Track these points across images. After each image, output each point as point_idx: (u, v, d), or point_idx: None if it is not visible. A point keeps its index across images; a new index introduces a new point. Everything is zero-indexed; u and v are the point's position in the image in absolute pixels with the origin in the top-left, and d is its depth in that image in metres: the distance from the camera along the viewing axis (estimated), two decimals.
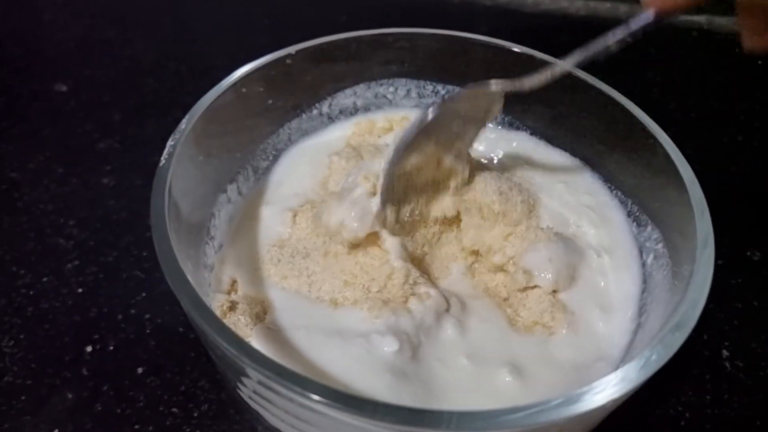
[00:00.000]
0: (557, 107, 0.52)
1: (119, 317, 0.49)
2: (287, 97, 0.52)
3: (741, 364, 0.48)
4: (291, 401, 0.28)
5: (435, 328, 0.39)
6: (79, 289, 0.51)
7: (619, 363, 0.38)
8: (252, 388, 0.31)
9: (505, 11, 0.94)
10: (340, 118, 0.57)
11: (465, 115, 0.43)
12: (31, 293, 0.51)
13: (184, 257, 0.34)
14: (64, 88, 0.75)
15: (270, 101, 0.51)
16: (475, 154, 0.53)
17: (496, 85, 0.42)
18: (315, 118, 0.56)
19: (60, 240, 0.55)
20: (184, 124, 0.41)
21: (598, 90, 0.47)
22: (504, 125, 0.57)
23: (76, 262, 0.53)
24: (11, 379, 0.45)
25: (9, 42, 0.84)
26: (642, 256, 0.45)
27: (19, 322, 0.49)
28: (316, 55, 0.51)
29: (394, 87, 0.57)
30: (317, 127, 0.56)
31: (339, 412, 0.26)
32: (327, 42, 0.51)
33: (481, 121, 0.44)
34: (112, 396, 0.44)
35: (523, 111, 0.55)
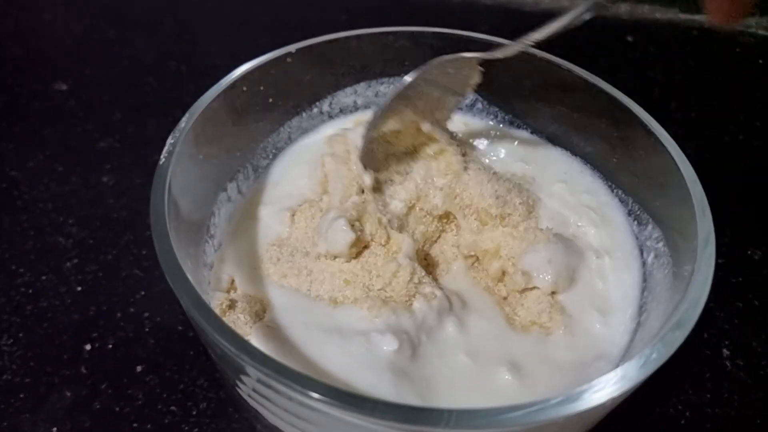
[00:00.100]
0: (557, 106, 0.52)
1: (118, 315, 0.49)
2: (287, 96, 0.52)
3: (741, 362, 0.48)
4: (290, 399, 0.28)
5: (437, 328, 0.39)
6: (79, 288, 0.51)
7: (619, 361, 0.38)
8: (251, 386, 0.31)
9: (506, 10, 0.95)
10: (340, 116, 0.57)
11: (443, 86, 0.45)
12: (31, 292, 0.51)
13: (183, 256, 0.34)
14: (64, 87, 0.75)
15: (270, 100, 0.50)
16: (476, 153, 0.53)
17: (471, 53, 0.44)
18: (315, 116, 0.56)
19: (59, 238, 0.55)
20: (183, 122, 0.41)
21: (598, 89, 0.47)
22: (504, 124, 0.57)
23: (75, 260, 0.53)
24: (10, 378, 0.45)
25: (9, 42, 0.84)
26: (642, 255, 0.45)
27: (18, 320, 0.49)
28: (316, 54, 0.51)
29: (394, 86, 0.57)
30: (317, 126, 0.56)
31: (338, 410, 0.26)
32: (327, 41, 0.51)
33: (459, 93, 0.47)
34: (110, 394, 0.44)
35: (524, 110, 0.55)
